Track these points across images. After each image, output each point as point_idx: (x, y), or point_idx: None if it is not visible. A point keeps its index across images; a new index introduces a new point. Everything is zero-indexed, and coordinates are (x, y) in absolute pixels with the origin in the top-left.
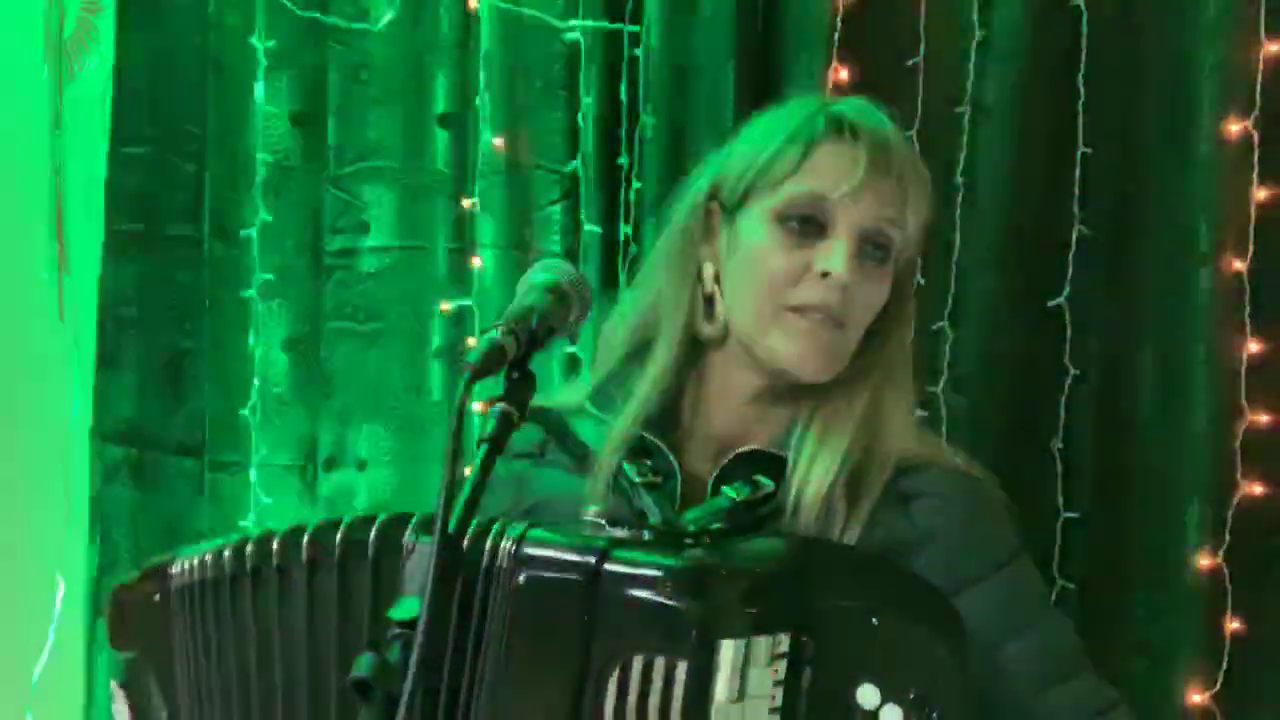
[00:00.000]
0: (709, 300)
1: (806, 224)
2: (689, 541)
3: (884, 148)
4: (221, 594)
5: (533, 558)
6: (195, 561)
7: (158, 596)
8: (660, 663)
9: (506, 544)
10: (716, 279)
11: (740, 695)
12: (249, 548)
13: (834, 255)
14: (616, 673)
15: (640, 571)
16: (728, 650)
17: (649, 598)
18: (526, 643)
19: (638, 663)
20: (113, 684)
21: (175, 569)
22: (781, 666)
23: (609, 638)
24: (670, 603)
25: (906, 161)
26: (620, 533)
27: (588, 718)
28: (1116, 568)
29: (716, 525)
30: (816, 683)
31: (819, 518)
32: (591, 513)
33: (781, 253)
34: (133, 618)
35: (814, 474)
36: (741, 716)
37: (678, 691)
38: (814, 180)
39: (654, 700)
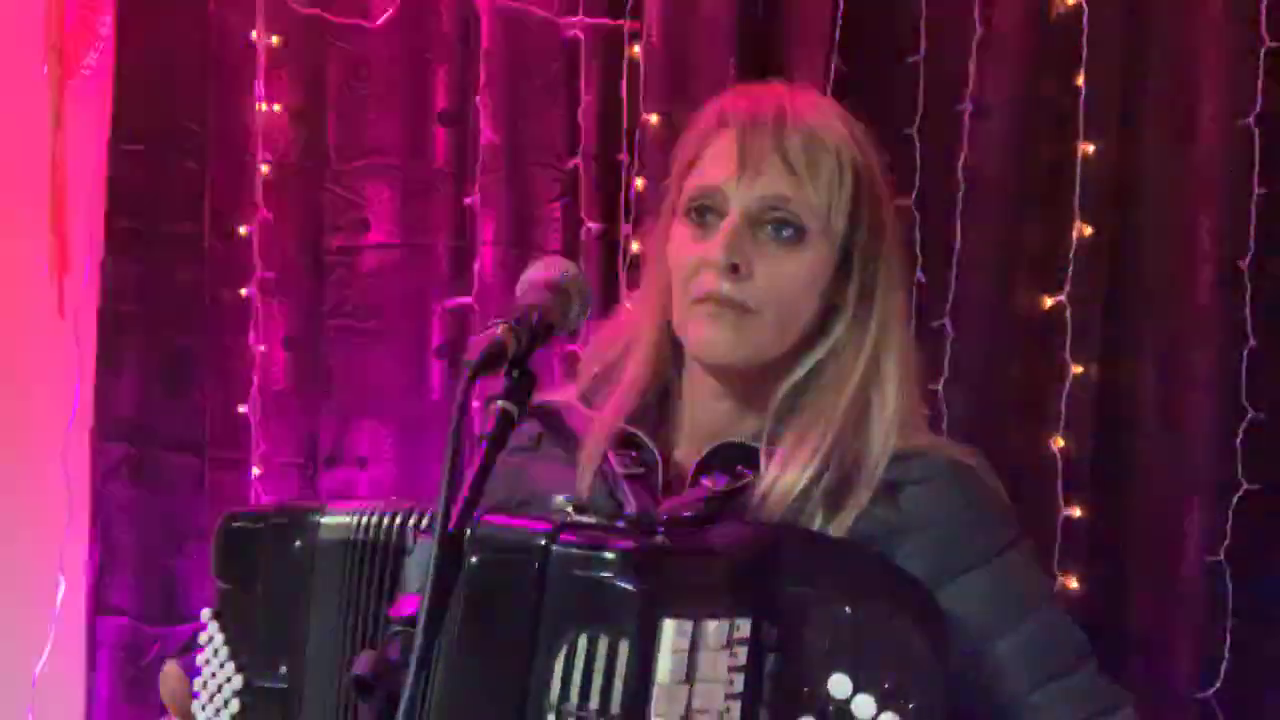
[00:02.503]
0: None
1: (705, 215)
2: (658, 528)
3: (756, 127)
4: (376, 560)
5: (486, 539)
6: (352, 520)
7: (299, 543)
8: (603, 641)
9: (466, 529)
10: None
11: (688, 678)
12: (411, 519)
13: (711, 242)
14: (563, 652)
15: (587, 552)
16: (670, 630)
17: (593, 576)
18: (478, 623)
19: (583, 641)
20: (205, 612)
21: (326, 520)
22: (742, 652)
23: (556, 617)
24: (612, 580)
25: (793, 135)
26: (585, 519)
27: (535, 696)
28: (1116, 567)
29: (689, 513)
30: (784, 670)
31: (784, 518)
32: (561, 500)
33: (686, 245)
34: (255, 554)
35: (786, 475)
36: (690, 698)
37: (620, 670)
38: (703, 172)
39: (597, 679)
